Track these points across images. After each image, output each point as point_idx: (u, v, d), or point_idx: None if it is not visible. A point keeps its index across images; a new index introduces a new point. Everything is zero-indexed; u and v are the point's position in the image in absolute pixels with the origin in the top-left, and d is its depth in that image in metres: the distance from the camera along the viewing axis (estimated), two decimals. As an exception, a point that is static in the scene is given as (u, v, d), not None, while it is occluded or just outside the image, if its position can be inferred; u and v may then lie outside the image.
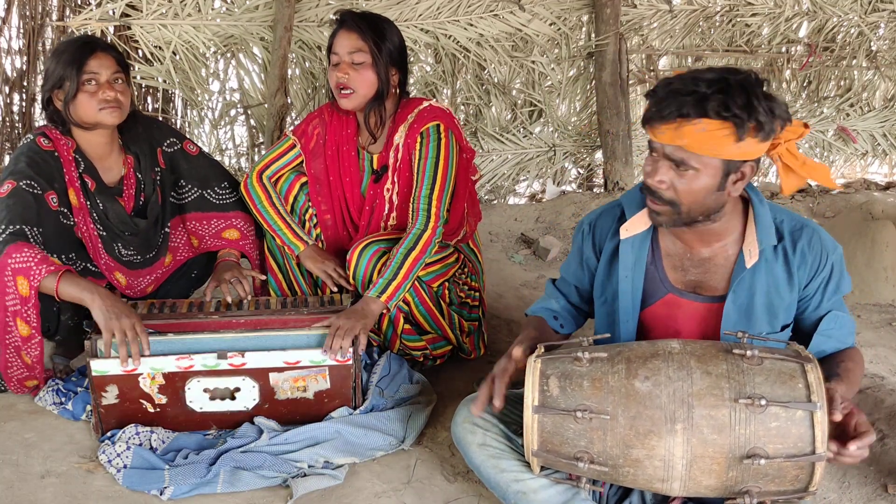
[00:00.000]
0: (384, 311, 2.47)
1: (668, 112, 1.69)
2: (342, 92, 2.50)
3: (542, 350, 1.84)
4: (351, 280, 2.54)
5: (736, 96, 1.66)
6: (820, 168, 1.84)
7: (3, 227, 2.24)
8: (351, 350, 2.24)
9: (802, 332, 1.94)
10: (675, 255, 1.92)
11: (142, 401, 2.23)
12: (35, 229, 2.29)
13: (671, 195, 1.76)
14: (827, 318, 1.89)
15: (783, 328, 1.90)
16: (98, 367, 2.17)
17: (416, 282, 2.52)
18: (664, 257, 1.93)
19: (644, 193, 1.83)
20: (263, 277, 2.72)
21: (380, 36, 2.51)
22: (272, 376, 2.24)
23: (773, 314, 1.88)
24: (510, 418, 1.96)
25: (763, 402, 1.61)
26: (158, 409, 2.25)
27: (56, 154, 2.41)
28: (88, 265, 2.51)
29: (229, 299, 2.49)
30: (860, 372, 1.88)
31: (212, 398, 2.25)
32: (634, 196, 1.95)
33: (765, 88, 1.71)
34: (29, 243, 2.23)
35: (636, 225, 1.92)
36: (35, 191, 2.33)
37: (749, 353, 1.68)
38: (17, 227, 2.25)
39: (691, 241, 1.89)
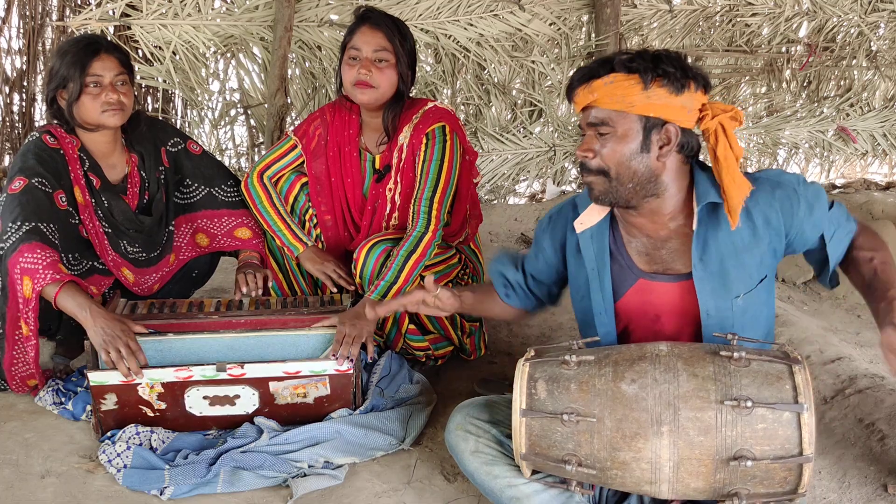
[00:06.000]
0: (386, 315, 2.47)
1: (581, 75, 1.81)
2: (361, 86, 2.49)
3: (532, 353, 1.84)
4: (357, 279, 2.54)
5: (643, 54, 1.77)
6: (736, 172, 1.82)
7: (19, 223, 2.24)
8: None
9: (816, 256, 1.93)
10: (636, 241, 1.92)
11: (141, 406, 2.23)
12: (51, 226, 2.29)
13: (598, 163, 1.80)
14: (825, 229, 1.87)
15: (760, 282, 1.88)
16: (96, 378, 2.17)
17: (420, 282, 2.52)
18: (627, 244, 1.93)
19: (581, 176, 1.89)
20: (269, 274, 2.71)
21: (402, 36, 2.51)
22: (272, 385, 2.23)
23: (747, 273, 1.85)
24: (504, 422, 1.96)
25: (749, 403, 1.61)
26: (158, 414, 2.25)
27: (62, 152, 2.42)
28: (95, 263, 2.52)
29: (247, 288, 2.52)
30: (887, 251, 1.86)
31: (212, 404, 2.25)
32: (587, 192, 1.97)
33: (686, 61, 1.80)
34: (43, 244, 2.23)
35: (590, 217, 1.94)
36: (46, 189, 2.33)
37: (736, 354, 1.68)
38: (33, 224, 2.25)
39: (645, 225, 1.89)
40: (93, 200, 2.48)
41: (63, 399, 2.41)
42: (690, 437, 1.64)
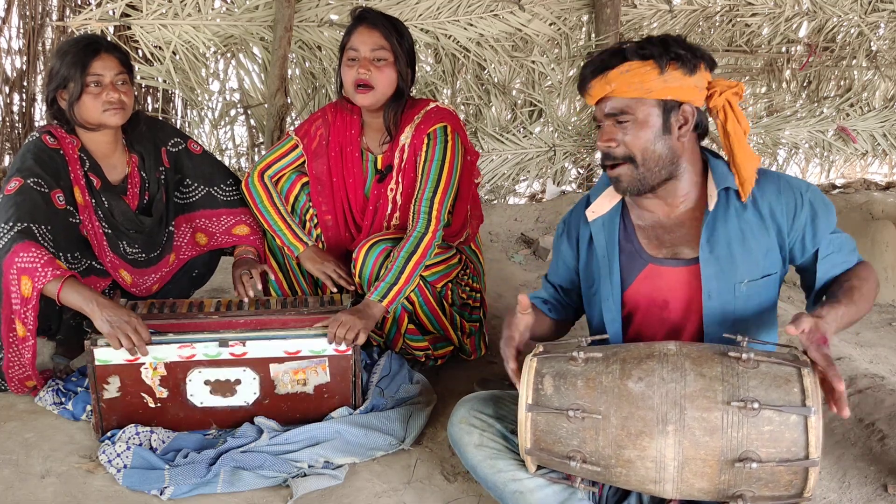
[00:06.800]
0: (386, 315, 2.47)
1: (595, 67, 1.84)
2: (360, 88, 2.49)
3: (540, 349, 1.84)
4: (356, 279, 2.54)
5: (651, 40, 1.82)
6: (748, 151, 1.87)
7: (11, 224, 2.24)
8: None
9: (809, 275, 1.93)
10: (646, 226, 1.94)
11: (143, 394, 2.23)
12: (43, 227, 2.29)
13: (623, 151, 1.83)
14: (822, 246, 1.88)
15: (764, 277, 1.89)
16: (101, 355, 2.18)
17: (421, 281, 2.52)
18: (637, 230, 1.95)
19: (605, 171, 1.90)
20: (268, 269, 2.71)
21: (400, 35, 2.51)
22: (273, 367, 2.25)
23: (753, 261, 1.87)
24: (508, 417, 1.96)
25: (756, 405, 1.61)
26: (159, 404, 2.25)
27: (62, 152, 2.42)
28: (93, 263, 2.52)
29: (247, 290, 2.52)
30: (869, 286, 1.85)
31: (213, 392, 2.25)
32: (599, 183, 2.02)
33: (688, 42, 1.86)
34: (37, 243, 2.23)
35: (601, 206, 1.98)
36: (42, 189, 2.33)
37: (745, 355, 1.67)
38: (25, 224, 2.25)
39: (658, 207, 1.92)
40: (93, 201, 2.48)
41: (63, 399, 2.41)
42: (696, 437, 1.63)
